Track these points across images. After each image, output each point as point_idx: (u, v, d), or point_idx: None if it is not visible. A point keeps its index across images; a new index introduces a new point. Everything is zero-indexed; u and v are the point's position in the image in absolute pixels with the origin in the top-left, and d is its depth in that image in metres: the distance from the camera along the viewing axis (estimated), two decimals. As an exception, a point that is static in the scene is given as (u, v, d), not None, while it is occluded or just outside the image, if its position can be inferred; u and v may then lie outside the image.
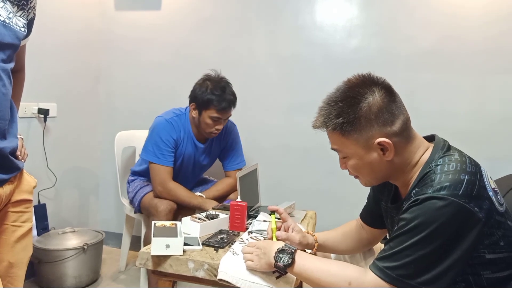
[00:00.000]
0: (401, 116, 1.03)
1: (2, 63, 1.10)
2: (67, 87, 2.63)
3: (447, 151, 1.03)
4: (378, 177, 1.10)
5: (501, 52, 2.19)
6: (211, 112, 2.03)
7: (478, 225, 0.91)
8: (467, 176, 0.93)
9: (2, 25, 1.09)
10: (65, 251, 2.19)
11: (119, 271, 2.54)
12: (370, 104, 1.00)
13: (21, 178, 1.26)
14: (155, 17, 2.74)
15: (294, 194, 2.36)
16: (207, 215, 1.63)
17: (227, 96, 2.03)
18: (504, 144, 2.21)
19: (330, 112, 1.03)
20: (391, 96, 1.03)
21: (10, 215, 1.22)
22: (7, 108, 1.14)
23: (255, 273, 1.19)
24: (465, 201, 0.90)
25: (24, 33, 1.20)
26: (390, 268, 0.95)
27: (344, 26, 2.43)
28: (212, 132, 2.08)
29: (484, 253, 0.94)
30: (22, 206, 1.25)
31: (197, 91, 2.07)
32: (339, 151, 1.09)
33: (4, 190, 1.17)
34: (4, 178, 1.16)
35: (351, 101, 1.01)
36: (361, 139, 1.02)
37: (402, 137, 1.03)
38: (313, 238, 1.36)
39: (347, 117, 1.01)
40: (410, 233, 0.93)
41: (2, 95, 1.10)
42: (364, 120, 1.00)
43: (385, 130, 1.01)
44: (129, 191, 2.28)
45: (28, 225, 1.27)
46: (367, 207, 1.36)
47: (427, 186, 0.95)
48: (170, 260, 1.31)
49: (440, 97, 2.29)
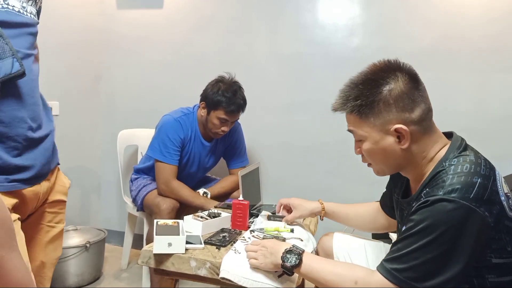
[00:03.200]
0: (422, 104, 1.01)
1: (28, 50, 1.12)
2: (69, 86, 2.63)
3: (463, 151, 1.00)
4: (391, 165, 1.08)
5: (502, 50, 2.19)
6: (219, 113, 2.05)
7: (487, 229, 0.90)
8: (480, 180, 0.91)
9: (17, 14, 1.10)
10: (67, 249, 2.20)
11: (121, 269, 2.55)
12: (391, 88, 0.99)
13: (57, 178, 1.27)
14: (156, 15, 2.74)
15: (296, 193, 2.36)
16: (209, 213, 1.64)
17: (237, 100, 2.05)
18: (505, 143, 2.21)
19: (349, 94, 1.03)
20: (414, 83, 1.02)
21: (46, 215, 1.24)
22: (38, 94, 1.16)
23: (257, 272, 1.20)
24: (476, 205, 0.89)
25: (38, 21, 1.21)
26: (398, 270, 0.93)
27: (345, 25, 2.43)
28: (218, 132, 2.10)
29: (491, 258, 0.93)
30: (57, 207, 1.27)
31: (208, 91, 2.09)
32: (354, 133, 1.07)
33: (42, 188, 1.17)
34: (42, 173, 1.16)
35: (372, 84, 1.01)
36: (378, 122, 1.01)
37: (421, 126, 1.01)
38: (320, 206, 1.43)
39: (365, 99, 1.00)
40: (418, 235, 0.92)
41: (31, 81, 1.11)
42: (382, 104, 0.99)
43: (403, 116, 0.99)
44: (132, 189, 2.29)
45: (61, 226, 1.29)
46: (385, 195, 1.35)
47: (438, 187, 0.93)
48: (172, 258, 1.31)
49: (441, 96, 2.28)
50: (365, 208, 1.42)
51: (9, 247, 0.65)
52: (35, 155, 1.13)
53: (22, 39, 1.11)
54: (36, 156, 1.13)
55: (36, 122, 1.13)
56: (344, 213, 1.45)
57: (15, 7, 1.10)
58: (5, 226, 0.64)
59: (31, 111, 1.11)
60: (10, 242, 0.65)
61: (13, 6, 1.10)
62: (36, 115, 1.13)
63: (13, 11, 1.09)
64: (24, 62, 1.06)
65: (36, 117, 1.13)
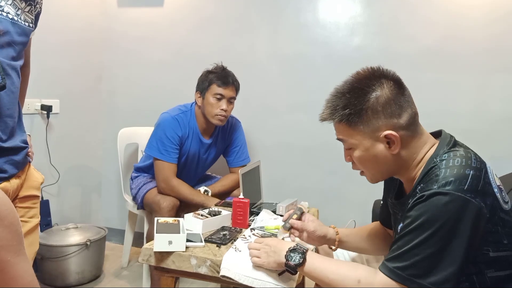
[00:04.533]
0: (409, 109, 1.02)
1: (12, 61, 1.11)
2: (70, 84, 2.63)
3: (453, 147, 1.01)
4: (383, 171, 1.08)
5: (503, 51, 2.19)
6: (213, 89, 2.07)
7: (483, 220, 0.91)
8: (472, 171, 0.92)
9: (10, 23, 1.09)
10: (68, 247, 2.21)
11: (122, 267, 2.55)
12: (378, 96, 1.00)
13: (29, 174, 1.27)
14: (157, 15, 2.75)
15: (296, 192, 2.37)
16: (209, 211, 1.64)
17: (227, 73, 2.10)
18: (506, 143, 2.21)
19: (337, 103, 1.03)
20: (400, 88, 1.03)
21: (19, 210, 1.23)
22: (16, 106, 1.16)
23: (258, 270, 1.20)
24: (471, 196, 0.89)
25: (32, 29, 1.20)
26: (401, 268, 0.93)
27: (346, 24, 2.43)
28: (218, 114, 2.07)
29: (488, 251, 0.94)
30: (29, 201, 1.26)
31: (199, 81, 2.15)
32: (344, 142, 1.08)
33: (12, 185, 1.18)
34: (12, 173, 1.17)
35: (359, 93, 1.01)
36: (367, 130, 1.01)
37: (409, 131, 1.02)
38: (333, 231, 1.31)
39: (353, 108, 1.00)
40: (417, 231, 0.92)
41: (11, 93, 1.11)
42: (371, 112, 1.00)
43: (391, 122, 1.00)
44: (132, 187, 2.30)
45: (35, 220, 1.28)
46: (383, 210, 1.31)
47: (432, 182, 0.94)
48: (172, 256, 1.31)
49: (441, 96, 2.29)
50: (373, 228, 1.35)
51: (15, 251, 0.64)
52: (2, 161, 1.13)
53: (9, 50, 1.09)
54: (4, 162, 1.14)
55: (6, 134, 1.13)
56: (356, 233, 1.35)
57: (9, 14, 1.09)
58: (12, 229, 0.63)
59: (3, 123, 1.11)
60: (16, 246, 0.64)
61: (8, 13, 1.09)
62: (6, 127, 1.13)
63: (7, 19, 1.08)
64: (7, 73, 1.05)
65: (6, 129, 1.13)
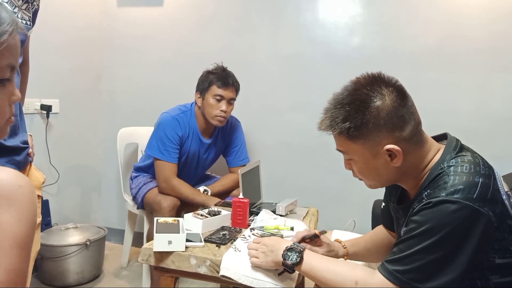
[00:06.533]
0: (412, 121, 0.98)
1: None
2: (70, 84, 2.63)
3: (459, 151, 0.98)
4: (383, 181, 1.07)
5: (504, 50, 2.19)
6: (213, 90, 2.07)
7: (491, 230, 0.89)
8: (482, 179, 0.90)
9: None
10: (67, 247, 2.20)
11: (122, 267, 2.55)
12: (379, 109, 0.95)
13: (30, 174, 1.26)
14: (157, 14, 2.74)
15: (296, 191, 2.36)
16: (209, 211, 1.64)
17: (227, 74, 2.10)
18: (506, 143, 2.21)
19: (336, 115, 0.98)
20: (402, 99, 0.98)
21: None
22: (17, 104, 1.15)
23: (257, 270, 1.20)
24: (480, 205, 0.87)
25: (30, 27, 1.20)
26: (401, 272, 0.92)
27: (346, 24, 2.42)
28: (217, 115, 2.07)
29: (494, 258, 0.92)
30: None
31: (199, 81, 2.15)
32: (344, 153, 1.05)
33: None
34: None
35: (359, 105, 0.96)
36: (368, 144, 0.98)
37: (412, 142, 0.98)
38: (343, 250, 1.29)
39: (354, 121, 0.96)
40: (421, 236, 0.90)
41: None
42: (372, 125, 0.96)
43: (393, 135, 0.96)
44: (132, 187, 2.29)
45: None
46: (384, 212, 1.30)
47: (440, 189, 0.91)
48: (172, 256, 1.31)
49: (442, 96, 2.28)
50: (377, 234, 1.33)
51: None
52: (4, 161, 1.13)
53: None
54: (5, 162, 1.13)
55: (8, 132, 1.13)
56: (362, 243, 1.33)
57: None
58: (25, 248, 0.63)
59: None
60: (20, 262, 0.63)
61: None
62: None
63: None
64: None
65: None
